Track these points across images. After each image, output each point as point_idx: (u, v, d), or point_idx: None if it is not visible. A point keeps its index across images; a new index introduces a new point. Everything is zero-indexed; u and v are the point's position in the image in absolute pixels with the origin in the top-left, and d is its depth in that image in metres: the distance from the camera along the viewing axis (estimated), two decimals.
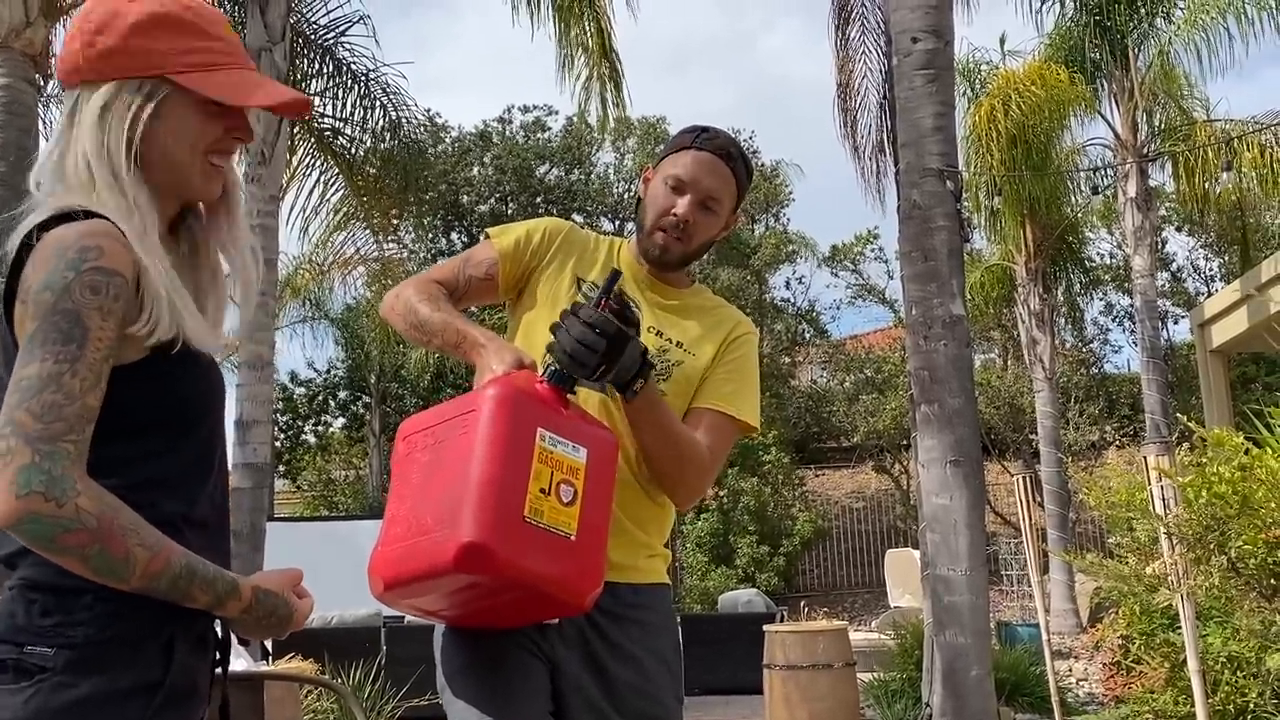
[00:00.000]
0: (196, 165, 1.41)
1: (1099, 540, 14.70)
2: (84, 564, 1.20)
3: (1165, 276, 19.97)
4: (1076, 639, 11.70)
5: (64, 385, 1.21)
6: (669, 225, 2.00)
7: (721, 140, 2.05)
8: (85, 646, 1.23)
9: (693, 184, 2.00)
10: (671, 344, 2.02)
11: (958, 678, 6.23)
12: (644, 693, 1.84)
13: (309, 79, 10.26)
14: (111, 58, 1.37)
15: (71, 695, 1.21)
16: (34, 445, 1.19)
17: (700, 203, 2.01)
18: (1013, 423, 17.45)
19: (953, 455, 6.39)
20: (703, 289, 2.19)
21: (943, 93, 6.79)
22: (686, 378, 1.99)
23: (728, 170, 2.03)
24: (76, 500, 1.19)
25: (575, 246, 2.07)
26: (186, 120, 1.39)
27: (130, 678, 1.24)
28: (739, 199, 2.08)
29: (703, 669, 8.95)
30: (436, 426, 1.73)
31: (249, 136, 1.45)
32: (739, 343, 2.08)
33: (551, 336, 1.74)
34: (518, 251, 2.03)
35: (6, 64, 6.83)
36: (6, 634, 1.24)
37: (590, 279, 2.02)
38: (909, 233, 6.71)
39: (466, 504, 1.58)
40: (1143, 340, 12.59)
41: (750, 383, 2.07)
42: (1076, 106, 12.35)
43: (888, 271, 21.00)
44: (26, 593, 1.26)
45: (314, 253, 15.06)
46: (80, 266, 1.25)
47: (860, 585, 17.22)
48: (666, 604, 1.98)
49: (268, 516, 9.09)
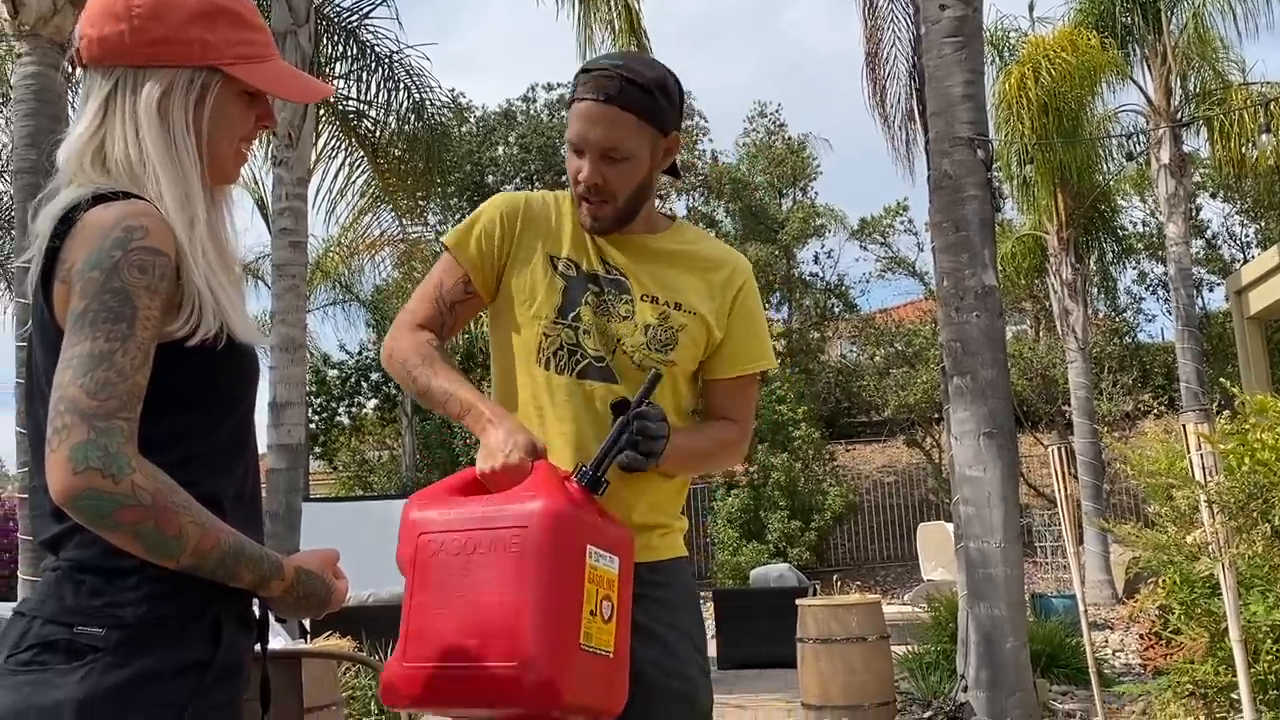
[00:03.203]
0: (232, 153, 1.44)
1: (1134, 511, 14.58)
2: (136, 540, 1.21)
3: (1200, 243, 19.69)
4: (1112, 610, 11.63)
5: (116, 363, 1.22)
6: (582, 195, 1.87)
7: (594, 80, 1.82)
8: (135, 626, 1.24)
9: (584, 142, 1.83)
10: (671, 307, 1.91)
11: (993, 650, 6.21)
12: (670, 670, 1.81)
13: (333, 61, 10.27)
14: (167, 45, 1.37)
15: (123, 675, 1.22)
16: (89, 422, 1.19)
17: (600, 158, 1.84)
18: (1045, 394, 17.30)
19: (986, 427, 6.34)
20: (684, 227, 2.03)
21: (972, 60, 6.70)
22: (693, 340, 1.91)
23: (615, 111, 1.81)
24: (132, 477, 1.19)
25: (536, 220, 1.94)
26: (230, 110, 1.42)
27: (180, 656, 1.25)
28: (655, 123, 1.85)
29: (735, 643, 8.98)
30: (471, 533, 1.61)
31: (274, 123, 1.51)
32: (743, 294, 1.98)
33: (617, 435, 1.71)
34: (483, 255, 1.92)
35: (35, 51, 6.87)
36: (57, 615, 1.25)
37: (563, 255, 1.91)
38: (940, 203, 6.64)
39: (531, 639, 1.51)
40: (1177, 308, 12.42)
41: (761, 325, 2.03)
42: (1108, 72, 12.15)
43: (918, 244, 20.85)
44: (74, 574, 1.27)
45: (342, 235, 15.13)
46: (127, 245, 1.26)
47: (892, 559, 17.19)
48: (686, 576, 1.95)
49: (303, 497, 9.18)
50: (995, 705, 6.12)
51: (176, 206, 1.34)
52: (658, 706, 1.79)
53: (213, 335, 1.32)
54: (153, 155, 1.35)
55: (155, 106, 1.36)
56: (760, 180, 21.75)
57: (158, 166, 1.35)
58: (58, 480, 1.18)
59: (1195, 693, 4.28)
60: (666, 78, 1.88)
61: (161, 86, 1.37)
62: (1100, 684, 5.15)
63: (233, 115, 1.43)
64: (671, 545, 1.92)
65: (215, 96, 1.40)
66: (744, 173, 21.54)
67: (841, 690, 6.06)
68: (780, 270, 21.44)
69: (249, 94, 1.44)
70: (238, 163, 1.46)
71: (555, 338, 1.88)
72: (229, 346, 1.35)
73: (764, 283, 21.32)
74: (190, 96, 1.38)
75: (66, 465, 1.18)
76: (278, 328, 8.74)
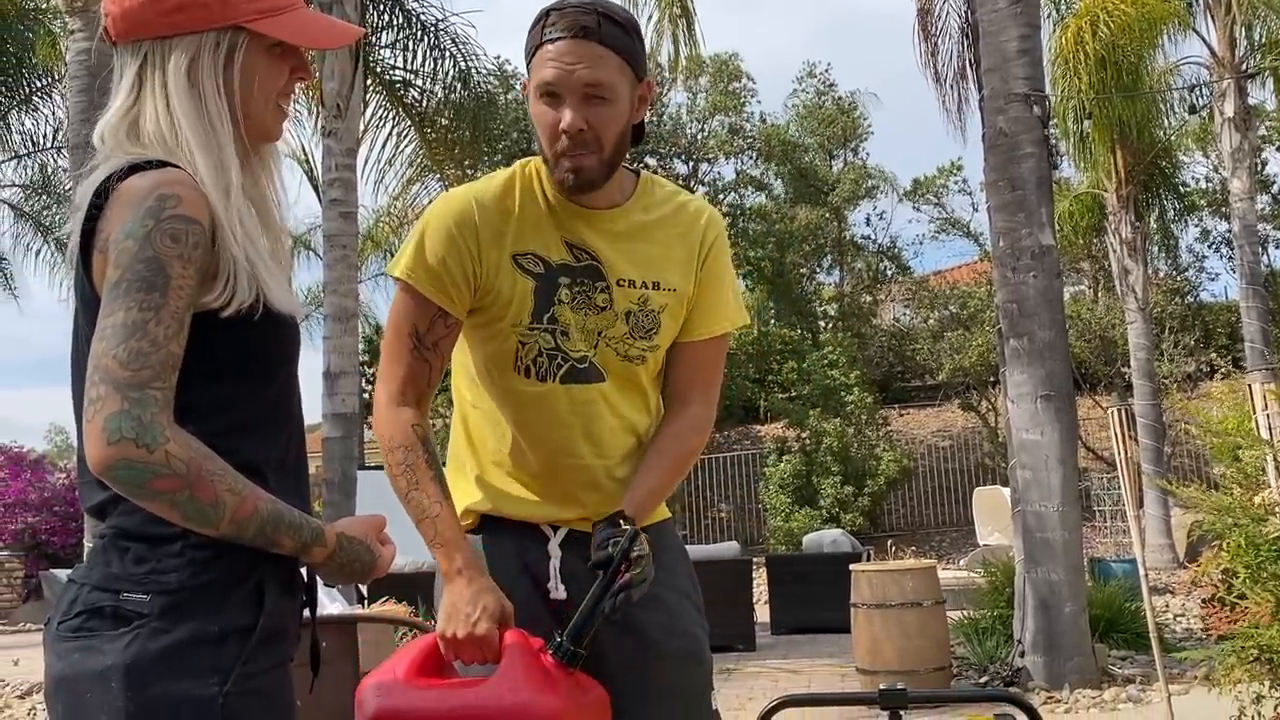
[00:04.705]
0: (270, 110, 1.43)
1: (1196, 474, 14.30)
2: (173, 509, 1.22)
3: (1265, 199, 19.13)
4: (1173, 575, 11.44)
5: (149, 333, 1.22)
6: (566, 147, 1.67)
7: (569, 17, 1.65)
8: (179, 592, 1.25)
9: (563, 84, 1.65)
10: (649, 288, 1.78)
11: (1051, 614, 6.13)
12: (674, 630, 1.80)
13: (379, 31, 10.28)
14: (186, 10, 1.36)
15: (168, 640, 1.23)
16: (123, 392, 1.20)
17: (583, 100, 1.66)
18: (1104, 355, 16.99)
19: (1043, 390, 6.23)
20: (651, 185, 1.85)
21: (1027, 14, 6.54)
22: (674, 318, 1.81)
23: (596, 46, 1.65)
24: (166, 446, 1.20)
25: (490, 218, 1.74)
26: (259, 67, 1.40)
27: (223, 621, 1.26)
28: (632, 63, 1.70)
29: (788, 608, 8.97)
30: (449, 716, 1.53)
31: (310, 75, 1.48)
32: (714, 250, 1.84)
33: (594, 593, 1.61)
34: (453, 290, 1.72)
35: (88, 28, 6.96)
36: (103, 582, 1.26)
37: (527, 250, 1.74)
38: (995, 161, 6.50)
39: None
40: (1241, 266, 12.11)
41: (728, 282, 1.87)
42: (1169, 24, 11.81)
43: (972, 204, 20.56)
44: (119, 541, 1.28)
45: (391, 205, 15.23)
46: (160, 215, 1.26)
47: (947, 524, 17.05)
48: (673, 536, 1.92)
49: (358, 465, 9.30)
50: (1053, 670, 6.05)
51: (211, 176, 1.33)
52: (669, 668, 1.78)
53: (248, 305, 1.31)
54: (184, 126, 1.34)
55: (185, 75, 1.36)
56: (810, 142, 21.49)
57: (190, 137, 1.34)
58: (94, 450, 1.19)
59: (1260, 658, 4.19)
60: (634, 21, 1.74)
61: (189, 54, 1.36)
62: (1161, 649, 5.06)
63: (264, 71, 1.41)
64: (659, 510, 1.88)
65: (243, 55, 1.39)
66: (794, 134, 21.28)
67: (896, 655, 6.03)
68: (831, 233, 21.22)
69: (278, 48, 1.41)
70: (278, 119, 1.44)
71: (532, 344, 1.76)
72: (266, 315, 1.34)
73: (814, 246, 21.11)
74: (218, 59, 1.37)
75: (101, 436, 1.19)
76: (330, 298, 8.82)
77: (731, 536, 16.08)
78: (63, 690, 1.25)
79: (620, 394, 1.80)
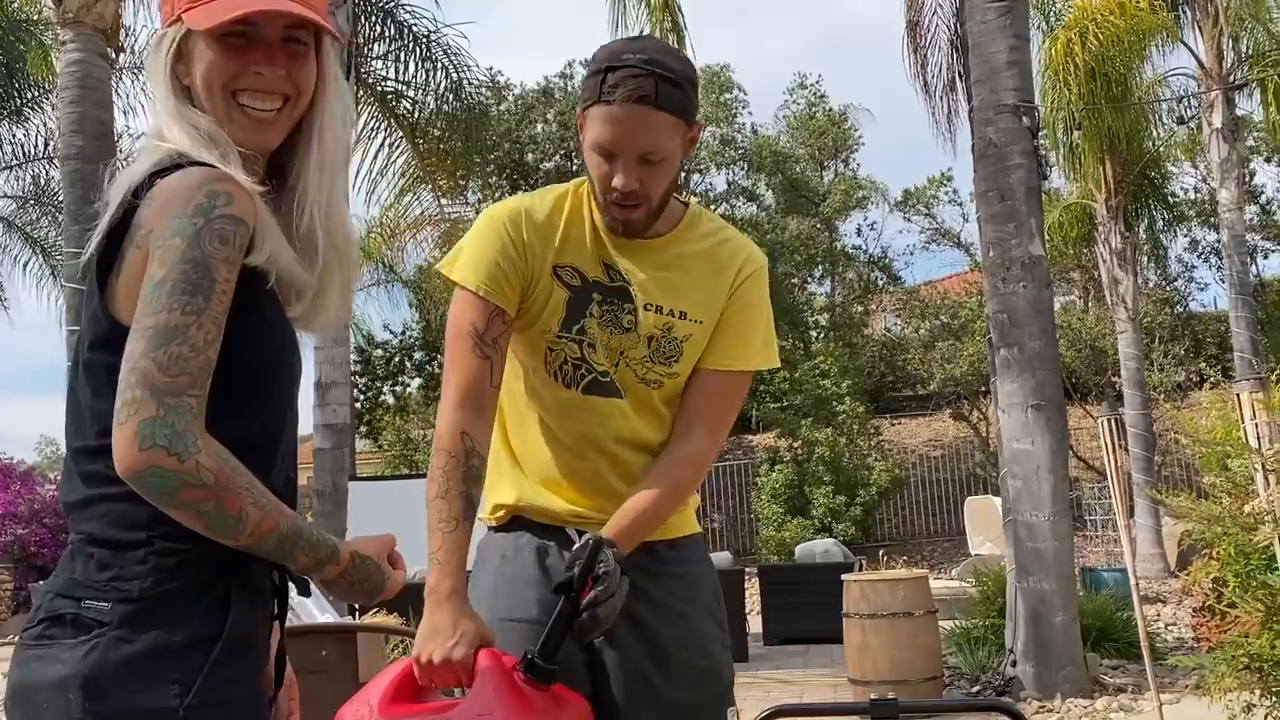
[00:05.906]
0: (223, 108, 1.34)
1: (1186, 484, 14.35)
2: (198, 519, 1.20)
3: (1254, 209, 19.23)
4: (1164, 584, 11.47)
5: (190, 338, 1.20)
6: (617, 198, 1.74)
7: (633, 83, 1.69)
8: (141, 600, 1.22)
9: (620, 147, 1.71)
10: (675, 317, 1.82)
11: (1042, 624, 6.15)
12: (692, 645, 1.81)
13: (371, 42, 10.29)
14: (161, 7, 1.39)
15: (129, 649, 1.20)
16: (160, 398, 1.18)
17: (637, 162, 1.72)
18: (1095, 365, 17.04)
19: (1034, 399, 6.25)
20: (699, 219, 1.90)
21: (1016, 25, 6.58)
22: (697, 348, 1.84)
23: (653, 112, 1.69)
24: (197, 457, 1.18)
25: (539, 227, 1.81)
26: (205, 59, 1.34)
27: (187, 630, 1.23)
28: (685, 120, 1.76)
29: (780, 619, 8.96)
30: None
31: (270, 71, 1.34)
32: (746, 285, 1.87)
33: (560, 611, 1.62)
34: (506, 287, 1.78)
35: (79, 39, 6.95)
36: (65, 589, 1.24)
37: (566, 263, 1.81)
38: (985, 172, 6.53)
39: None
40: (1230, 276, 12.17)
41: (760, 321, 1.88)
42: (1158, 35, 11.87)
43: (962, 215, 20.60)
44: (85, 546, 1.26)
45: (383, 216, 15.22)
46: (210, 213, 1.23)
47: (939, 534, 17.06)
48: (702, 552, 1.94)
49: (349, 476, 9.27)
50: (1044, 679, 6.06)
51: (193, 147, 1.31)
52: (684, 683, 1.80)
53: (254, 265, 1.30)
54: (165, 121, 1.35)
55: (153, 73, 1.38)
56: (801, 153, 21.55)
57: (179, 134, 1.33)
58: (124, 454, 1.17)
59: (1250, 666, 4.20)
60: (690, 67, 1.79)
61: (160, 50, 1.37)
62: (1152, 658, 5.08)
63: (208, 64, 1.34)
64: (687, 521, 1.91)
65: (195, 50, 1.35)
66: (785, 145, 21.34)
67: (889, 665, 6.03)
68: (822, 243, 21.28)
69: (233, 37, 1.34)
70: (243, 123, 1.35)
71: (560, 352, 1.82)
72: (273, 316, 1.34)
73: (806, 256, 21.17)
74: (168, 56, 1.35)
75: (134, 441, 1.17)
76: None
77: (724, 547, 16.06)
78: (20, 699, 1.22)
79: (637, 413, 1.83)
